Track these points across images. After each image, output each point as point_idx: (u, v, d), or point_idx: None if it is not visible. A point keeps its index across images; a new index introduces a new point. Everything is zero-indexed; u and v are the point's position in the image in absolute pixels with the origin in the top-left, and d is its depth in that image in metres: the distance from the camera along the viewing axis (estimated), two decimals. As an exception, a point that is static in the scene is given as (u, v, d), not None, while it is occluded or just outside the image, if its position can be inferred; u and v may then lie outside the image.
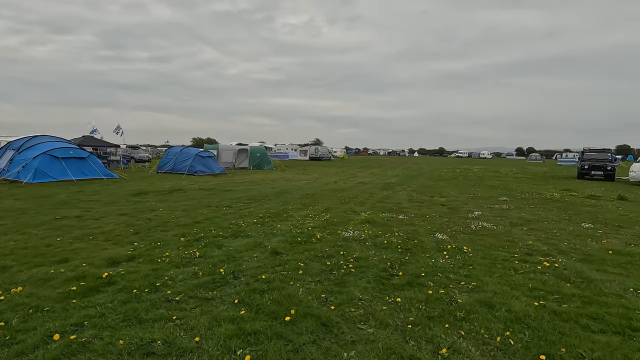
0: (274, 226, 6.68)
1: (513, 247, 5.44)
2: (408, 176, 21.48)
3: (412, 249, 5.25)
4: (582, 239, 6.01)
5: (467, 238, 5.97)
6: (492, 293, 3.61)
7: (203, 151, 22.26)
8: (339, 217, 7.63)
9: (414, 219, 7.66)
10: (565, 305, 3.36)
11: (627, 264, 4.66)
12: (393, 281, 3.93)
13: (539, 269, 4.36)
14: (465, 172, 25.37)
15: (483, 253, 5.07)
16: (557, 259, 4.81)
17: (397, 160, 54.92)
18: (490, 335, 2.81)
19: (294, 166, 32.10)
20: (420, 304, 3.33)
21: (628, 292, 3.70)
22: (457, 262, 4.60)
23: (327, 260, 4.62)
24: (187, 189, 12.83)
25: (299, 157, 51.17)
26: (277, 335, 2.75)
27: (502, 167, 36.38)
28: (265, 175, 20.53)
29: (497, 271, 4.28)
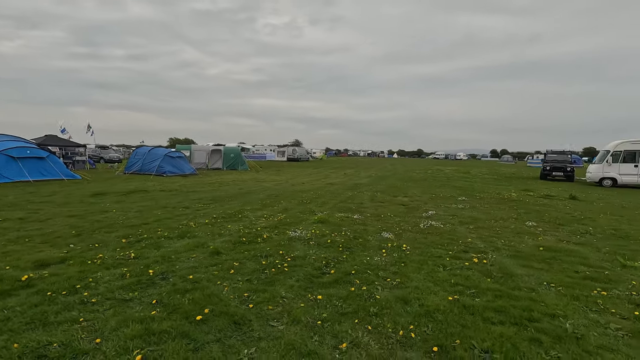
0: (225, 227, 6.64)
1: (452, 244, 5.62)
2: (380, 177, 21.76)
3: (354, 247, 5.34)
4: (521, 237, 6.28)
5: (412, 236, 6.12)
6: (413, 289, 3.73)
7: (173, 151, 21.84)
8: (293, 218, 7.66)
9: (368, 218, 7.78)
10: (478, 299, 3.50)
11: (551, 260, 4.90)
12: (322, 279, 3.99)
13: (466, 265, 4.53)
14: (436, 173, 25.94)
15: (420, 251, 5.22)
16: (489, 256, 5.00)
17: (375, 162, 55.54)
18: (394, 329, 2.90)
19: (269, 167, 31.95)
20: (339, 301, 3.40)
21: (541, 286, 3.90)
22: (391, 260, 4.72)
23: (264, 259, 4.64)
24: (150, 190, 12.55)
25: (277, 158, 50.97)
26: (181, 335, 2.74)
27: (474, 168, 37.43)
28: (237, 176, 20.34)
29: (427, 268, 4.42)
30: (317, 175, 22.90)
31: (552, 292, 3.74)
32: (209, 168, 26.63)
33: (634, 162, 17.01)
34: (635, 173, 16.98)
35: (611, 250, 5.45)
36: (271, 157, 51.30)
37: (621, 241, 6.08)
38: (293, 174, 23.96)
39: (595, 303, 3.47)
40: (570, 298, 3.57)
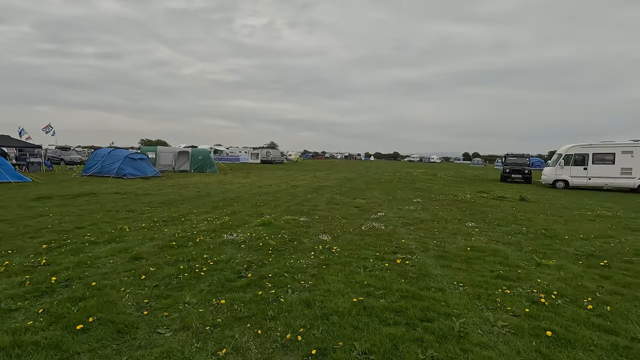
0: (161, 230, 6.45)
1: (384, 246, 5.68)
2: (348, 179, 21.90)
3: (285, 250, 5.30)
4: (455, 237, 6.43)
5: (349, 238, 6.15)
6: (323, 291, 3.72)
7: (134, 153, 21.17)
8: (238, 220, 7.55)
9: (315, 221, 7.77)
10: (383, 300, 3.53)
11: (474, 260, 5.04)
12: (235, 283, 3.92)
13: (386, 267, 4.58)
14: (404, 176, 26.38)
15: (350, 252, 5.24)
16: (414, 257, 5.09)
17: (350, 164, 55.94)
18: (284, 333, 2.86)
19: (240, 169, 31.54)
20: (240, 305, 3.34)
21: (451, 286, 3.99)
22: (315, 262, 4.71)
23: (184, 264, 4.52)
24: (101, 193, 12.07)
25: (251, 160, 50.44)
26: (52, 345, 2.60)
27: (443, 170, 38.38)
28: (202, 179, 19.93)
29: (348, 270, 4.43)
30: (286, 177, 22.78)
31: (459, 291, 3.83)
32: (175, 170, 25.98)
33: (583, 165, 17.91)
34: (585, 175, 17.88)
35: (534, 249, 5.66)
36: (245, 160, 50.74)
37: (547, 240, 6.34)
38: (262, 176, 23.74)
39: (494, 302, 3.58)
40: (473, 297, 3.67)
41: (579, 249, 5.76)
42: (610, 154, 17.34)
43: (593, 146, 17.81)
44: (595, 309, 3.44)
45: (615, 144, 17.41)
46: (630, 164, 16.91)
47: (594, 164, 17.68)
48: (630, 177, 16.94)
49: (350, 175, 26.25)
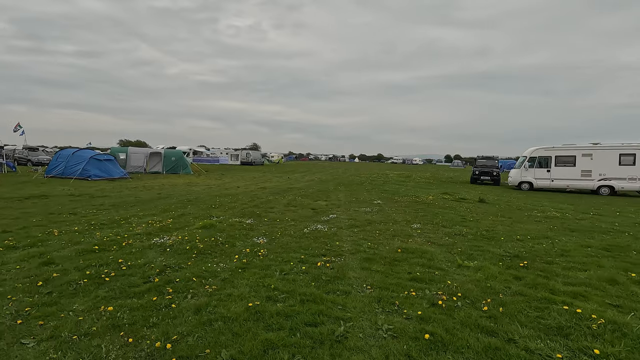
0: (92, 234, 6.24)
1: (317, 248, 5.63)
2: (320, 181, 21.89)
3: (210, 253, 5.19)
4: (393, 239, 6.45)
5: (285, 241, 6.08)
6: (223, 296, 3.64)
7: (100, 154, 20.63)
8: (180, 223, 7.39)
9: (261, 223, 7.68)
10: (280, 305, 3.47)
11: (399, 261, 5.04)
12: (137, 289, 3.79)
13: (304, 269, 4.53)
14: (377, 177, 26.55)
15: (276, 255, 5.17)
16: (340, 259, 5.06)
17: (330, 166, 56.06)
18: (155, 341, 2.77)
19: (217, 171, 31.16)
20: (125, 312, 3.22)
21: (359, 289, 3.96)
22: (233, 266, 4.62)
23: (94, 269, 4.35)
24: (54, 195, 11.67)
25: (231, 161, 49.95)
26: None
27: (419, 172, 38.85)
28: (171, 180, 19.57)
29: (263, 273, 4.36)
30: (259, 179, 22.61)
31: (363, 294, 3.80)
32: (147, 172, 25.45)
33: (547, 167, 18.38)
34: (548, 177, 18.36)
35: (463, 250, 5.72)
36: (225, 161, 50.21)
37: (483, 242, 6.42)
38: (235, 177, 23.51)
39: (393, 304, 3.56)
40: (374, 300, 3.65)
41: (509, 250, 5.85)
42: (572, 156, 17.86)
43: (556, 149, 18.31)
44: (490, 310, 3.47)
45: (576, 146, 17.94)
46: (590, 167, 17.45)
47: (557, 166, 18.18)
48: (590, 179, 17.48)
49: (325, 177, 26.26)
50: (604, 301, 3.79)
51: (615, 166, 16.93)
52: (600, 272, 4.78)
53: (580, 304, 3.66)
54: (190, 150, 52.03)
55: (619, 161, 16.87)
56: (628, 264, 5.21)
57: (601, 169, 17.20)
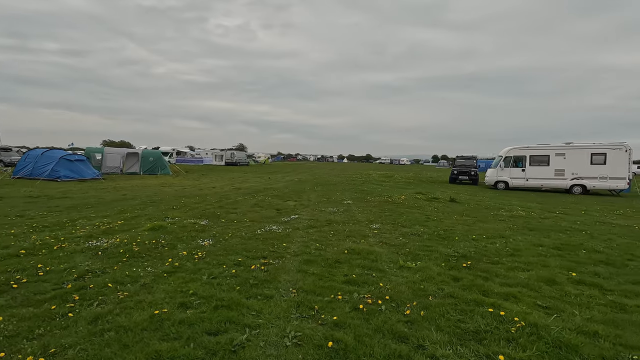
0: (28, 237, 5.91)
1: (261, 250, 5.43)
2: (299, 181, 21.68)
3: (144, 257, 4.94)
4: (345, 240, 6.28)
5: (231, 243, 5.86)
6: (133, 302, 3.41)
7: (71, 154, 20.07)
8: (128, 225, 7.10)
9: (216, 224, 7.44)
10: (190, 311, 3.26)
11: (341, 263, 4.87)
12: (43, 296, 3.53)
13: (234, 273, 4.33)
14: (359, 178, 26.46)
15: (214, 258, 4.95)
16: (278, 262, 4.87)
17: (316, 166, 55.93)
18: (30, 354, 2.53)
19: (198, 171, 30.68)
20: (13, 322, 2.97)
21: (283, 293, 3.77)
22: (161, 270, 4.38)
23: (6, 275, 4.07)
24: (10, 197, 11.20)
25: (215, 162, 49.37)
26: None
27: (402, 172, 38.96)
28: (146, 181, 19.13)
29: (190, 277, 4.14)
30: (237, 179, 22.30)
31: (286, 298, 3.61)
32: (123, 172, 24.87)
33: (522, 167, 18.54)
34: (523, 177, 18.51)
35: (411, 251, 5.59)
36: (209, 161, 49.59)
37: (435, 242, 6.30)
38: (214, 178, 23.16)
39: (312, 309, 3.38)
40: (294, 305, 3.46)
41: (459, 249, 5.74)
42: (545, 156, 18.05)
43: (530, 148, 18.48)
44: (411, 314, 3.32)
45: (550, 146, 18.13)
46: (563, 166, 17.66)
47: (531, 165, 18.35)
48: (563, 178, 17.68)
49: (307, 177, 26.06)
50: (535, 302, 3.68)
51: (587, 165, 17.16)
52: (542, 272, 4.69)
53: (509, 306, 3.54)
54: (174, 151, 51.34)
55: (591, 160, 17.10)
56: (573, 264, 5.14)
57: (574, 168, 17.42)
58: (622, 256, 5.63)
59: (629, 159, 16.58)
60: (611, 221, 9.21)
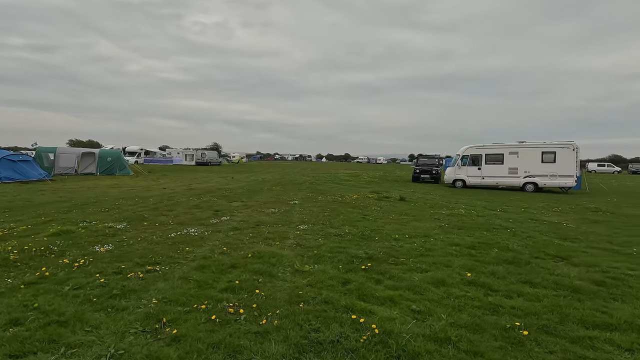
0: None
1: (160, 255, 5.10)
2: (262, 181, 21.29)
3: (19, 265, 4.52)
4: (258, 243, 6.03)
5: (134, 248, 5.50)
6: (-46, 321, 3.03)
7: (14, 154, 18.94)
8: (33, 230, 6.60)
9: (135, 228, 7.03)
10: (13, 330, 2.92)
11: (236, 267, 4.62)
12: None
13: (102, 282, 3.99)
14: (324, 177, 26.30)
15: (95, 266, 4.59)
16: (166, 268, 4.57)
17: (291, 165, 55.55)
18: None
19: (162, 171, 29.71)
20: None
21: (141, 304, 3.48)
22: (21, 281, 4.00)
23: None
24: None
25: (185, 162, 48.14)
26: None
27: (374, 171, 39.17)
28: (98, 182, 18.28)
29: (47, 288, 3.77)
30: (198, 180, 21.67)
31: (138, 311, 3.32)
32: (78, 173, 23.75)
33: (478, 165, 18.85)
34: (479, 175, 18.84)
35: (320, 253, 5.39)
36: (179, 161, 48.33)
37: (353, 242, 6.14)
38: (175, 178, 22.44)
39: (159, 321, 3.11)
40: (143, 317, 3.18)
41: (370, 250, 5.58)
42: (500, 154, 18.41)
43: (486, 147, 18.82)
44: (266, 324, 3.10)
45: (504, 145, 18.52)
46: (516, 164, 18.06)
47: (487, 164, 18.68)
48: (516, 176, 18.09)
49: (272, 177, 25.70)
50: (409, 307, 3.54)
51: (538, 164, 17.61)
52: (440, 273, 4.59)
53: (379, 312, 3.38)
54: (142, 151, 49.82)
55: (542, 159, 17.56)
56: (477, 263, 5.09)
57: (526, 167, 17.85)
58: (531, 254, 5.64)
59: (577, 157, 17.13)
60: (544, 218, 9.38)
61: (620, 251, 6.04)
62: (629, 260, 5.42)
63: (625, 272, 4.82)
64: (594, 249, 6.13)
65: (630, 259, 5.50)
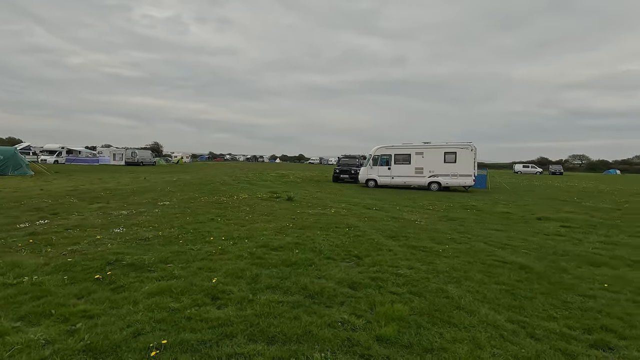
0: None
1: None
2: (170, 182, 20.04)
3: None
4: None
5: None
6: None
7: None
8: None
9: None
10: None
11: None
12: None
13: None
14: (249, 178, 25.51)
15: None
16: None
17: (234, 166, 53.96)
18: None
19: (77, 172, 27.12)
20: None
21: None
22: None
23: None
24: None
25: (114, 161, 44.91)
26: None
27: (309, 171, 39.00)
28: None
29: None
30: (105, 179, 19.91)
31: None
32: (-41, 173, 20.89)
33: (388, 165, 19.13)
34: (389, 175, 19.12)
35: (75, 260, 4.69)
36: (106, 161, 44.97)
37: (148, 246, 5.52)
38: (77, 179, 20.42)
39: None
40: None
41: (139, 254, 4.99)
42: (407, 154, 18.82)
43: (395, 147, 19.16)
44: None
45: (411, 145, 18.96)
46: (422, 164, 18.55)
47: (396, 164, 19.01)
48: (422, 176, 18.57)
49: (191, 177, 24.41)
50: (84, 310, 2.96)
51: (441, 164, 18.20)
52: (201, 275, 4.09)
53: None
54: (63, 149, 45.76)
55: (444, 159, 18.18)
56: (253, 266, 4.68)
57: (431, 167, 18.38)
58: (329, 255, 5.36)
59: (475, 157, 17.92)
60: (404, 216, 9.40)
61: (430, 249, 5.97)
62: (421, 260, 5.31)
63: (397, 271, 4.66)
64: (405, 247, 6.01)
65: (425, 258, 5.41)
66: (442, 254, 5.65)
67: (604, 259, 5.57)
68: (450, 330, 3.14)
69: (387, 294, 3.86)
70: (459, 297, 3.87)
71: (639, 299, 3.96)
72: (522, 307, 3.68)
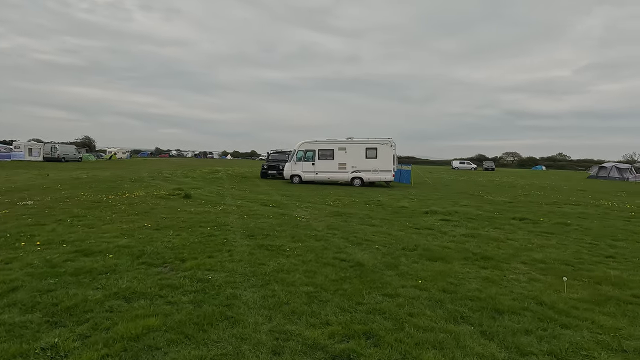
0: None
1: None
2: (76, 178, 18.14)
3: None
4: None
5: None
6: None
7: None
8: None
9: None
10: None
11: None
12: None
13: None
14: (177, 174, 24.00)
15: None
16: None
17: (173, 163, 51.09)
18: None
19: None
20: None
21: None
22: None
23: None
24: None
25: (29, 157, 40.41)
26: None
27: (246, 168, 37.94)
28: None
29: None
30: (8, 176, 17.45)
31: None
32: None
33: (312, 161, 18.85)
34: (313, 170, 18.86)
35: None
36: (20, 157, 40.35)
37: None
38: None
39: None
40: None
41: None
42: (330, 150, 18.68)
43: (319, 143, 18.93)
44: None
45: (334, 141, 18.85)
46: (345, 160, 18.51)
47: (320, 159, 18.80)
48: (345, 171, 18.54)
49: (110, 173, 22.44)
50: None
51: (363, 159, 18.29)
52: None
53: None
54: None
55: (366, 155, 18.29)
56: (52, 271, 3.93)
57: (353, 162, 18.40)
58: (153, 258, 4.75)
59: (394, 153, 18.23)
60: (294, 214, 9.03)
61: (278, 247, 5.59)
62: (254, 262, 4.88)
63: (206, 276, 4.17)
64: (251, 247, 5.57)
65: (262, 259, 5.00)
66: (286, 253, 5.29)
67: (445, 253, 5.54)
68: (187, 348, 2.68)
69: (153, 306, 3.33)
70: (244, 303, 3.46)
71: (437, 296, 3.81)
72: (306, 312, 3.34)
